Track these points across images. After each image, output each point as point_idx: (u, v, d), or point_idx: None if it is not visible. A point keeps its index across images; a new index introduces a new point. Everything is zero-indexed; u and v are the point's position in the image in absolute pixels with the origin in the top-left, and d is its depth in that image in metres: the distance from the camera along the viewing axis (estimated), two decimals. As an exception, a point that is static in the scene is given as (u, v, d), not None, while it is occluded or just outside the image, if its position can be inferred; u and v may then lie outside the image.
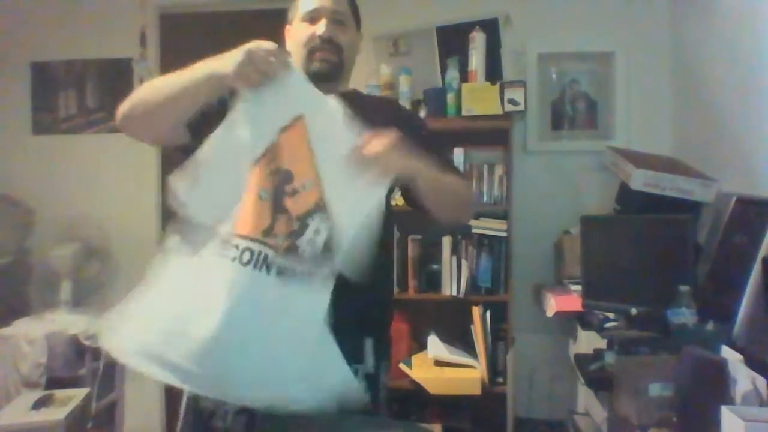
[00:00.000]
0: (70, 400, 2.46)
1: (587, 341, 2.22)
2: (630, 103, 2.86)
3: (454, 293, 2.67)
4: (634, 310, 2.04)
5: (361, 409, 1.23)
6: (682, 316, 1.59)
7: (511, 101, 2.56)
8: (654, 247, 2.05)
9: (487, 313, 2.62)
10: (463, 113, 2.59)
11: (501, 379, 2.62)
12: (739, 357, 1.38)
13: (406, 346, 2.73)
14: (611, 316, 2.22)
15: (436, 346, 2.63)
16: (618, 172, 2.46)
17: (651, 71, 2.84)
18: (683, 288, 1.62)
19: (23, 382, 2.64)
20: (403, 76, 2.71)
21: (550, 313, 2.43)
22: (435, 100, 2.67)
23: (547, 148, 2.94)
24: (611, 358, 1.78)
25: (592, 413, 2.07)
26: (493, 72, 2.68)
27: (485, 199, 2.69)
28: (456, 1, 2.89)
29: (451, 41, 2.76)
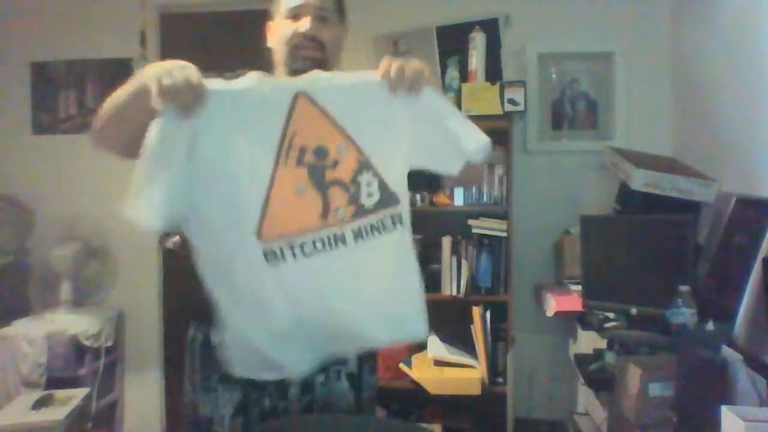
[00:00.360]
0: (70, 400, 2.46)
1: (587, 341, 2.22)
2: (630, 103, 2.86)
3: (454, 293, 2.67)
4: (634, 310, 2.04)
5: (344, 408, 1.29)
6: (682, 316, 1.59)
7: (511, 101, 2.56)
8: (654, 247, 2.05)
9: (487, 313, 2.62)
10: (463, 113, 2.58)
11: (501, 379, 2.62)
12: (739, 357, 1.38)
13: (406, 346, 2.73)
14: (611, 316, 2.22)
15: (436, 346, 2.63)
16: (618, 172, 2.46)
17: (651, 71, 2.84)
18: (683, 288, 1.62)
19: (23, 382, 2.64)
20: (403, 76, 2.71)
21: (550, 313, 2.43)
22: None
23: (547, 148, 2.94)
24: (611, 358, 1.78)
25: (592, 413, 2.07)
26: (493, 72, 2.68)
27: (485, 199, 2.69)
28: (456, 1, 2.89)
29: (451, 41, 2.76)
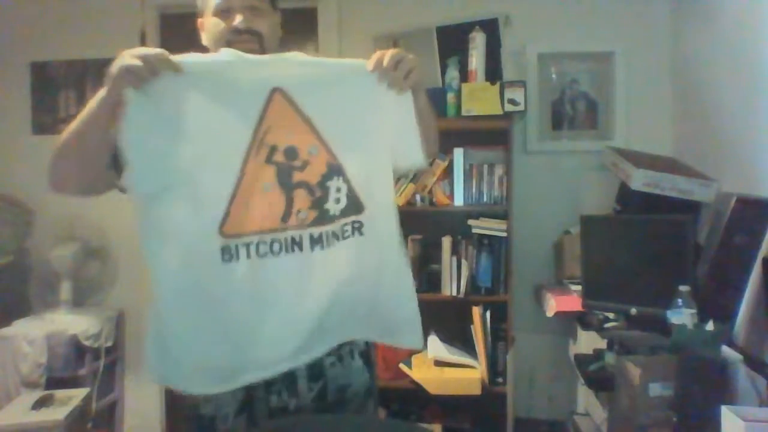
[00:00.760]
0: (70, 400, 2.46)
1: (587, 341, 2.22)
2: (630, 103, 2.86)
3: (454, 293, 2.66)
4: (634, 310, 2.04)
5: (362, 386, 1.28)
6: (682, 316, 1.59)
7: (511, 101, 2.56)
8: (654, 247, 2.05)
9: (487, 313, 2.62)
10: (463, 113, 2.59)
11: (501, 379, 2.62)
12: (739, 357, 1.38)
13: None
14: (611, 316, 2.22)
15: (436, 346, 2.63)
16: (618, 172, 2.46)
17: (651, 71, 2.84)
18: (683, 288, 1.62)
19: (23, 382, 2.64)
20: (403, 75, 2.71)
21: (550, 313, 2.43)
22: (435, 100, 2.62)
23: (547, 148, 2.94)
24: (611, 358, 1.78)
25: (592, 413, 2.07)
26: (493, 72, 2.68)
27: (485, 199, 2.69)
28: (456, 1, 2.89)
29: (451, 41, 2.76)
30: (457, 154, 2.67)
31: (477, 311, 2.62)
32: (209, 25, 1.28)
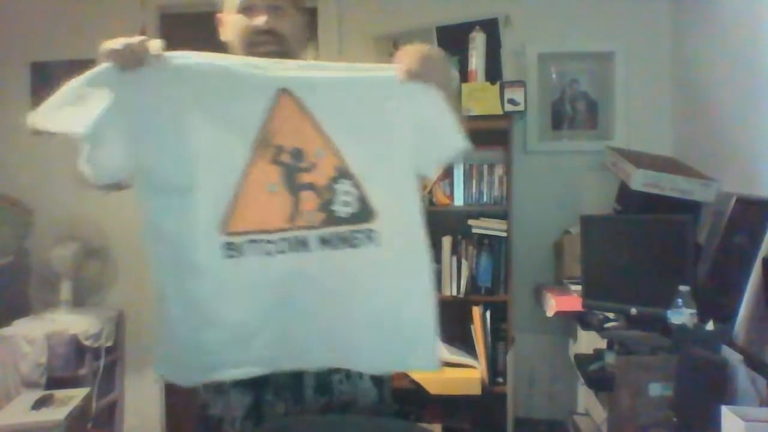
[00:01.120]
0: (70, 400, 2.46)
1: (587, 341, 2.22)
2: (630, 103, 2.86)
3: (454, 293, 2.66)
4: (634, 310, 2.04)
5: (368, 407, 1.25)
6: (682, 316, 1.59)
7: (511, 101, 2.56)
8: (654, 247, 2.05)
9: (487, 313, 2.62)
10: (463, 112, 2.58)
11: (501, 379, 2.62)
12: (739, 357, 1.38)
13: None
14: (611, 316, 2.22)
15: (436, 346, 2.63)
16: (618, 172, 2.46)
17: (651, 71, 2.84)
18: (683, 288, 1.62)
19: (23, 382, 2.64)
20: (403, 75, 2.71)
21: (550, 313, 2.43)
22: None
23: (547, 148, 2.93)
24: (611, 358, 1.78)
25: (592, 413, 2.07)
26: (493, 72, 2.68)
27: (485, 199, 2.69)
28: (456, 1, 2.89)
29: (451, 41, 2.76)
30: (457, 154, 2.67)
31: (477, 311, 2.62)
32: (231, 22, 1.26)
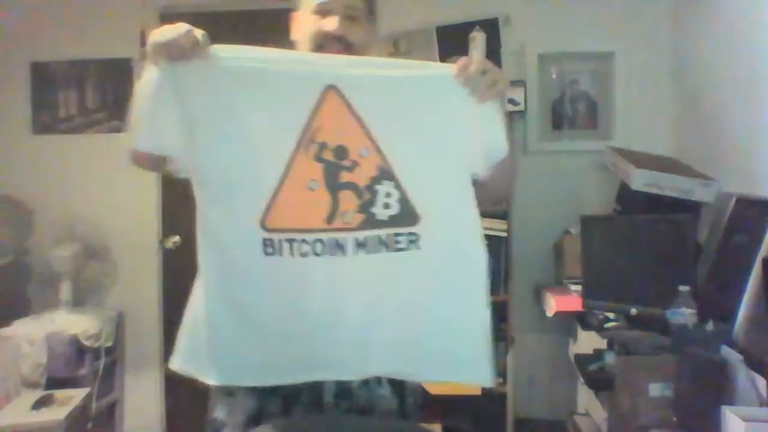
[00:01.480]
0: (70, 400, 2.47)
1: (587, 341, 2.22)
2: (630, 103, 2.86)
3: (454, 293, 2.66)
4: (634, 310, 2.04)
5: (390, 413, 1.23)
6: (682, 316, 1.59)
7: (511, 101, 2.56)
8: (654, 247, 2.05)
9: (487, 313, 2.62)
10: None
11: (501, 379, 2.62)
12: (739, 357, 1.38)
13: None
14: (611, 316, 2.22)
15: (436, 346, 2.63)
16: (618, 172, 2.46)
17: (651, 71, 2.84)
18: (683, 288, 1.63)
19: (23, 382, 2.64)
20: (403, 76, 2.71)
21: (550, 313, 2.43)
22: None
23: (547, 148, 2.93)
24: (611, 358, 1.78)
25: (592, 413, 2.07)
26: (493, 72, 2.68)
27: (485, 199, 2.69)
28: (456, 1, 2.88)
29: (451, 41, 2.76)
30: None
31: (477, 311, 2.62)
32: (303, 22, 1.25)
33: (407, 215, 1.10)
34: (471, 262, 1.13)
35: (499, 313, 2.63)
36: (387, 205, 1.09)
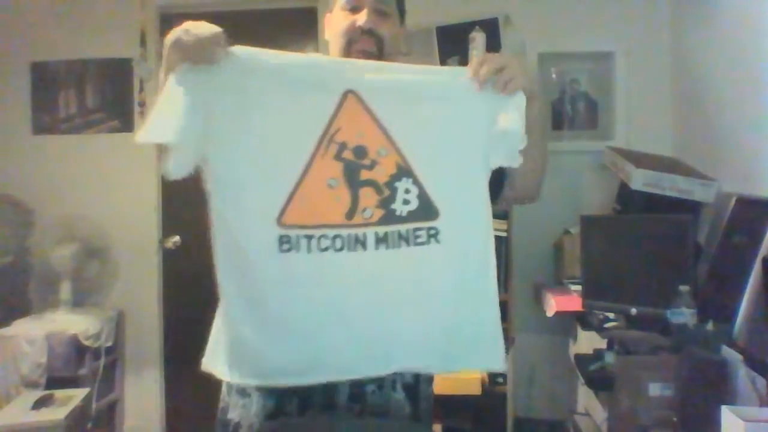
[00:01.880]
0: (70, 400, 2.47)
1: (587, 341, 2.22)
2: (630, 103, 2.86)
3: (454, 293, 2.66)
4: (634, 310, 2.04)
5: (404, 420, 1.23)
6: (682, 316, 1.59)
7: (511, 101, 2.55)
8: (654, 247, 2.05)
9: (487, 313, 2.62)
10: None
11: (501, 379, 2.61)
12: (739, 357, 1.38)
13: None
14: (611, 316, 2.22)
15: (436, 346, 2.63)
16: (618, 172, 2.46)
17: (651, 71, 2.84)
18: (683, 288, 1.63)
19: (23, 382, 2.64)
20: (403, 75, 2.71)
21: (550, 313, 2.43)
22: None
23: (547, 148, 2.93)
24: (611, 358, 1.78)
25: (592, 413, 2.07)
26: (493, 72, 2.68)
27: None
28: (456, 1, 2.89)
29: (451, 41, 2.76)
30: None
31: (477, 311, 2.62)
32: (335, 19, 1.28)
33: (427, 210, 1.13)
34: (484, 253, 1.17)
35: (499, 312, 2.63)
36: (406, 201, 1.12)
